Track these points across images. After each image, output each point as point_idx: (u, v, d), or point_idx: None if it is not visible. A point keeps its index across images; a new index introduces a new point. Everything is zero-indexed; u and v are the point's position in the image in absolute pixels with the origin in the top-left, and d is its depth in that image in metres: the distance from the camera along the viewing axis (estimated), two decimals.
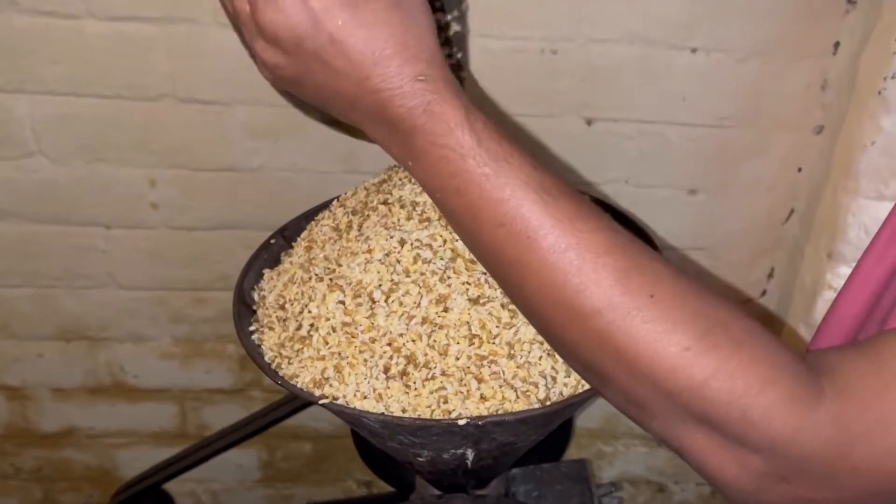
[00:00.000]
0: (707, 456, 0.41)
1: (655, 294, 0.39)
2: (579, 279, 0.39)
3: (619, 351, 0.39)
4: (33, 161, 0.96)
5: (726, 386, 0.38)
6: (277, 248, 0.70)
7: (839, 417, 0.39)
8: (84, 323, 1.08)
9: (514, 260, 0.41)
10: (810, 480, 0.40)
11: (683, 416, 0.40)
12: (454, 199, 0.42)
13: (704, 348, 0.39)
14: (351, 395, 0.53)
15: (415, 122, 0.41)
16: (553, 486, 0.78)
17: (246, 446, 1.20)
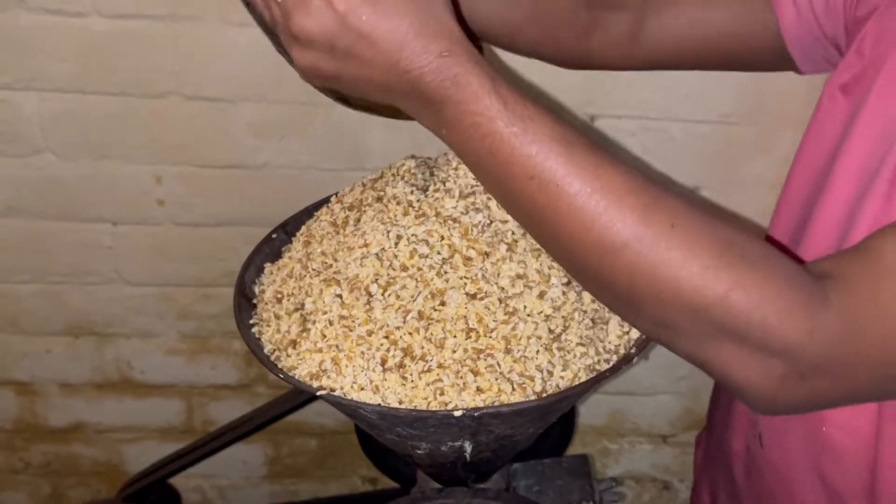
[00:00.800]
0: (732, 366, 0.45)
1: (675, 224, 0.44)
2: (607, 217, 0.43)
3: (647, 278, 0.44)
4: (41, 158, 0.97)
5: (745, 297, 0.43)
6: (279, 242, 0.71)
7: (845, 314, 0.44)
8: (91, 319, 1.09)
9: (545, 207, 0.45)
10: (827, 375, 0.45)
11: (709, 332, 0.44)
12: (487, 160, 0.45)
13: (722, 266, 0.43)
14: (348, 386, 0.53)
15: (444, 93, 0.44)
16: (554, 481, 0.78)
17: (252, 442, 1.21)
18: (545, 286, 0.57)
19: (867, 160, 0.56)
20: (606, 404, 1.21)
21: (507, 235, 0.59)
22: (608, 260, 0.44)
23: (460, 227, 0.59)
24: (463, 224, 0.59)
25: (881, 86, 0.56)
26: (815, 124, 0.64)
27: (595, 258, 0.45)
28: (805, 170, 0.64)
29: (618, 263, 0.44)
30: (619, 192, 0.44)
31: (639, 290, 0.44)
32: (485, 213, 0.60)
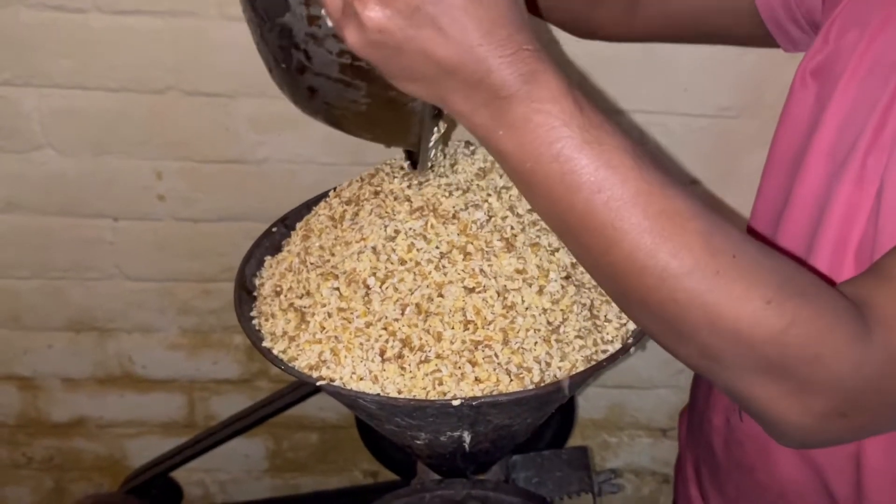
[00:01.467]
0: (773, 402, 0.44)
1: (737, 255, 0.42)
2: (672, 242, 0.41)
3: (706, 308, 0.42)
4: (41, 154, 0.97)
5: (803, 332, 0.42)
6: (279, 236, 0.71)
7: (886, 346, 0.43)
8: (92, 314, 1.10)
9: (606, 225, 0.42)
10: (866, 410, 0.45)
11: (758, 366, 0.43)
12: (550, 165, 0.42)
13: (782, 300, 0.42)
14: (348, 377, 0.54)
15: (518, 88, 0.41)
16: (553, 473, 0.79)
17: (253, 436, 1.22)
18: (544, 281, 0.58)
19: (836, 145, 0.56)
20: (606, 398, 1.21)
21: (506, 231, 0.59)
22: (667, 286, 0.42)
23: (459, 223, 0.59)
24: (462, 220, 0.59)
25: (849, 74, 0.56)
26: (788, 110, 0.64)
27: (652, 284, 0.42)
28: (780, 156, 0.65)
29: (676, 291, 0.42)
30: (685, 216, 0.42)
31: (693, 320, 0.42)
32: (484, 208, 0.60)
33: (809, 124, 0.59)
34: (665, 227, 0.41)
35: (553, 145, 0.41)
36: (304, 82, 0.51)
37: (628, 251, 0.42)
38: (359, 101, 0.50)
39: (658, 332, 0.47)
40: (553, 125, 0.41)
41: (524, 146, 0.42)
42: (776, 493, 0.65)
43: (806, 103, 0.60)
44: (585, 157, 0.41)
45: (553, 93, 0.41)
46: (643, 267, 0.42)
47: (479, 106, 0.42)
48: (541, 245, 0.59)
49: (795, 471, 0.62)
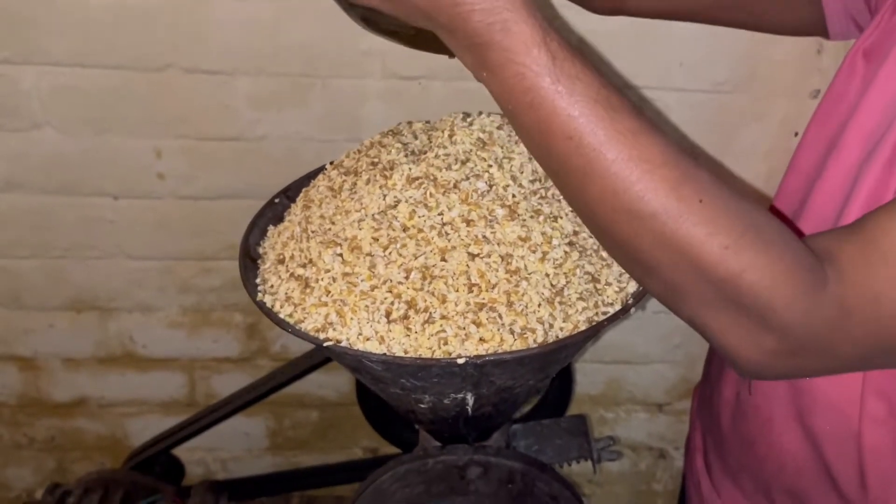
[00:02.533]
0: (729, 335, 0.48)
1: (703, 200, 0.45)
2: (640, 187, 0.44)
3: (669, 248, 0.45)
4: (41, 133, 0.98)
5: (756, 278, 0.45)
6: (281, 207, 0.72)
7: (838, 298, 0.46)
8: (93, 293, 1.10)
9: (579, 169, 0.45)
10: (814, 353, 0.48)
11: (715, 301, 0.46)
12: (527, 112, 0.44)
13: (741, 247, 0.45)
14: (354, 337, 0.55)
15: (492, 37, 0.43)
16: (553, 441, 0.80)
17: (253, 415, 1.23)
18: (547, 247, 0.58)
19: (875, 127, 0.57)
20: (603, 373, 1.22)
21: (508, 199, 0.60)
22: (633, 226, 0.45)
23: (460, 192, 0.60)
24: (463, 190, 0.60)
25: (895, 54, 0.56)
26: (833, 88, 0.64)
27: (620, 223, 0.45)
28: (817, 134, 0.65)
29: (642, 231, 0.45)
30: (655, 163, 0.44)
31: (657, 257, 0.46)
32: (485, 178, 0.61)
33: (853, 104, 0.59)
34: (633, 173, 0.44)
35: (527, 94, 0.44)
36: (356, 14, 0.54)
37: (599, 193, 0.45)
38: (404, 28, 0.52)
39: (628, 267, 0.51)
40: (526, 75, 0.43)
41: (504, 92, 0.45)
42: (775, 467, 0.66)
43: (853, 83, 0.61)
44: (556, 107, 0.43)
45: (526, 44, 0.43)
46: (612, 208, 0.45)
47: (463, 49, 0.45)
48: (543, 212, 0.60)
49: (796, 446, 0.63)
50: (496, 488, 0.68)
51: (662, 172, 0.44)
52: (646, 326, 1.17)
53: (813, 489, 0.64)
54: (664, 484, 1.36)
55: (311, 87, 0.96)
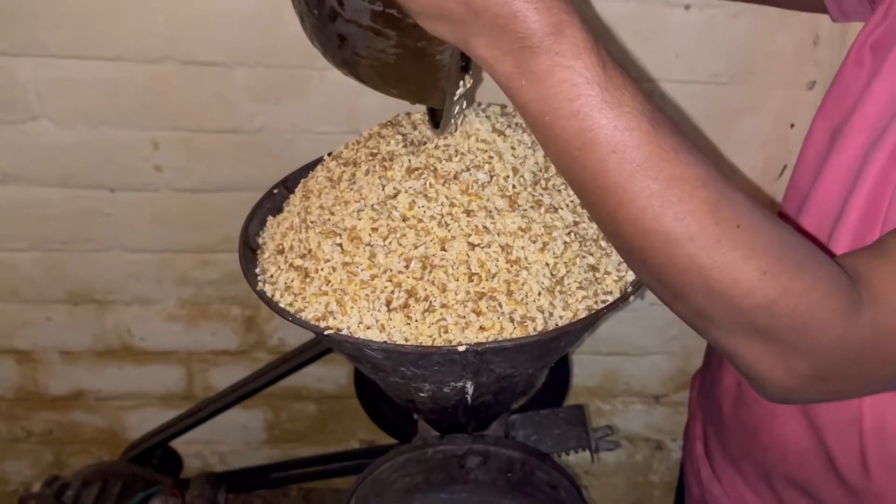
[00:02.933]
0: (759, 361, 0.47)
1: (741, 224, 0.43)
2: (678, 208, 0.42)
3: (703, 273, 0.43)
4: (37, 125, 0.97)
5: (793, 304, 0.44)
6: (280, 197, 0.72)
7: (871, 321, 0.45)
8: (91, 286, 1.10)
9: (617, 186, 0.43)
10: (846, 378, 0.47)
11: (748, 329, 0.45)
12: (568, 121, 0.42)
13: (777, 272, 0.43)
14: (354, 325, 0.55)
15: (543, 40, 0.41)
16: (551, 430, 0.81)
17: (251, 408, 1.23)
18: (548, 238, 0.59)
19: (880, 117, 0.56)
20: (599, 365, 1.23)
21: (508, 190, 0.60)
22: (667, 249, 0.43)
23: (460, 183, 0.60)
24: (463, 181, 0.60)
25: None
26: (838, 81, 0.63)
27: (654, 244, 0.44)
28: (822, 129, 0.65)
29: (677, 254, 0.43)
30: (694, 184, 0.42)
31: (690, 282, 0.44)
32: (486, 169, 0.61)
33: (858, 95, 0.59)
34: (673, 193, 0.42)
35: (573, 102, 0.41)
36: (334, 30, 0.51)
37: (635, 213, 0.43)
38: (387, 50, 0.50)
39: (657, 289, 0.48)
40: (575, 82, 0.41)
41: (545, 99, 0.42)
42: (778, 455, 0.66)
43: (859, 76, 0.60)
44: (604, 118, 0.41)
45: (578, 48, 0.41)
46: (648, 229, 0.43)
47: (503, 53, 0.42)
48: (544, 203, 0.61)
49: (798, 434, 0.63)
50: (495, 477, 0.68)
51: (702, 194, 0.42)
52: (642, 318, 1.18)
53: (815, 476, 0.64)
54: (661, 475, 1.37)
55: (308, 80, 0.96)
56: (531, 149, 0.64)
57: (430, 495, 0.66)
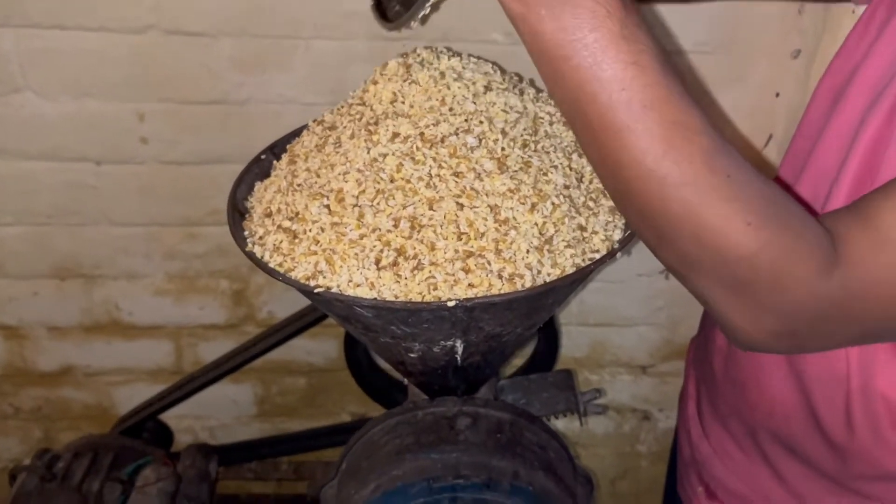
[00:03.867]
0: (732, 313, 0.48)
1: (731, 175, 0.44)
2: (678, 153, 0.43)
3: (693, 219, 0.44)
4: (21, 97, 0.96)
5: (773, 258, 0.45)
6: (267, 163, 0.72)
7: (844, 282, 0.46)
8: (78, 261, 1.09)
9: (623, 125, 0.43)
10: (812, 334, 0.49)
11: (727, 279, 0.47)
12: (582, 53, 0.42)
13: (761, 225, 0.44)
14: (344, 284, 0.55)
15: None
16: (540, 394, 0.82)
17: (241, 382, 1.23)
18: (537, 199, 0.59)
19: (880, 78, 0.57)
20: (587, 336, 1.24)
21: (497, 152, 0.61)
22: (663, 193, 0.44)
23: (448, 146, 0.60)
24: (451, 144, 0.60)
25: None
26: (845, 47, 0.64)
27: (651, 188, 0.44)
28: (826, 88, 0.65)
29: (671, 199, 0.44)
30: (695, 130, 0.43)
31: (679, 228, 0.45)
32: (475, 133, 0.61)
33: (861, 57, 0.59)
34: (675, 137, 0.43)
35: (592, 32, 0.42)
36: None
37: (637, 154, 0.44)
38: None
39: (646, 233, 0.49)
40: (598, 13, 0.42)
41: (565, 29, 0.42)
42: (765, 411, 0.68)
43: (865, 37, 0.60)
44: (620, 52, 0.42)
45: None
46: (648, 171, 0.44)
47: None
48: (533, 165, 0.61)
49: (785, 391, 0.65)
50: (485, 438, 0.69)
51: (700, 141, 0.43)
52: (629, 289, 1.18)
53: (800, 433, 0.65)
54: (648, 446, 1.38)
55: (294, 50, 0.96)
56: (521, 113, 0.65)
57: (421, 456, 0.67)
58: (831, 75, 0.64)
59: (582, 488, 0.73)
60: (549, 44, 0.43)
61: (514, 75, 0.69)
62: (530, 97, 0.67)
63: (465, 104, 0.63)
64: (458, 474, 0.65)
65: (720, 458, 0.76)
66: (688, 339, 1.24)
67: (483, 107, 0.63)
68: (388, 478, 0.66)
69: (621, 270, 1.15)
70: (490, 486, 0.66)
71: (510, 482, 0.66)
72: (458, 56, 0.66)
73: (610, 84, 0.42)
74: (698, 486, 0.80)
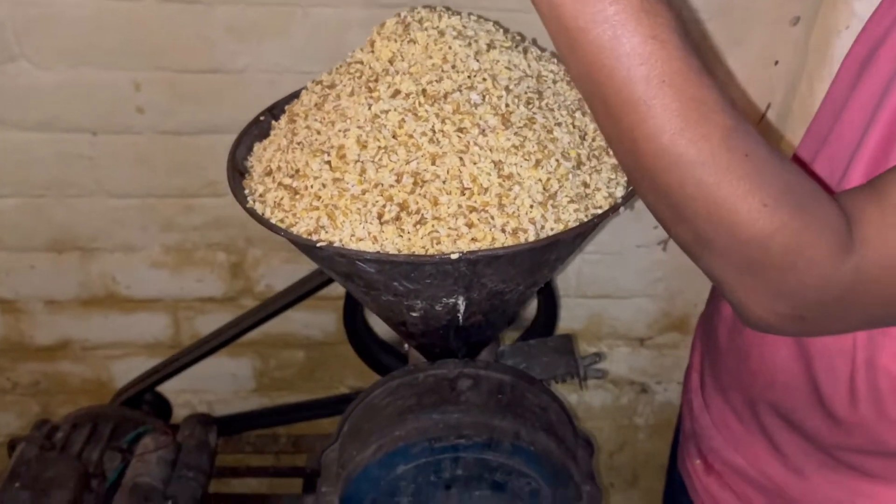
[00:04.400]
0: (744, 295, 0.48)
1: (749, 154, 0.43)
2: (695, 131, 0.42)
3: (709, 197, 0.44)
4: (16, 66, 0.95)
5: (788, 240, 0.44)
6: (267, 124, 0.72)
7: (859, 265, 0.45)
8: (74, 233, 1.09)
9: (640, 100, 0.43)
10: (824, 318, 0.49)
11: (740, 260, 0.46)
12: (602, 27, 0.42)
13: (777, 206, 0.44)
14: (347, 238, 0.55)
15: None
16: (540, 359, 0.82)
17: (239, 356, 1.23)
18: (541, 155, 0.59)
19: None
20: (585, 307, 1.24)
21: (501, 108, 0.60)
22: (679, 171, 0.43)
23: (452, 103, 0.60)
24: (454, 100, 0.60)
25: None
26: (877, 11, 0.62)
27: (667, 165, 0.44)
28: (852, 61, 0.64)
29: (687, 177, 0.43)
30: (713, 108, 0.43)
31: (695, 206, 0.44)
32: (479, 90, 0.61)
33: (890, 24, 0.58)
34: (692, 114, 0.42)
35: (613, 5, 0.41)
36: None
37: (653, 130, 0.43)
38: None
39: (660, 210, 0.49)
40: None
41: (583, 1, 0.42)
42: (765, 381, 0.67)
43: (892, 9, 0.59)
44: (640, 26, 0.42)
45: None
46: (663, 148, 0.43)
47: None
48: (537, 121, 0.60)
49: (788, 361, 0.64)
50: (486, 399, 0.69)
51: (718, 119, 0.43)
52: (628, 261, 1.19)
53: (800, 405, 0.65)
54: (645, 418, 1.39)
55: (291, 17, 0.95)
56: (525, 72, 0.64)
57: (422, 416, 0.67)
58: (859, 45, 0.63)
59: (582, 451, 0.74)
60: (568, 15, 0.43)
61: (516, 34, 0.69)
62: (534, 56, 0.66)
63: (467, 62, 0.62)
64: (460, 434, 0.66)
65: (719, 430, 0.76)
66: (686, 312, 1.25)
67: (487, 65, 0.63)
68: (389, 438, 0.66)
69: (619, 242, 1.15)
70: (491, 445, 0.66)
71: (511, 442, 0.66)
72: (458, 14, 0.66)
73: (629, 58, 0.42)
74: (696, 459, 0.80)
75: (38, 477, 0.86)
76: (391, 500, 0.67)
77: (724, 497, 0.77)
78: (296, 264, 1.11)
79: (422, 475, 0.66)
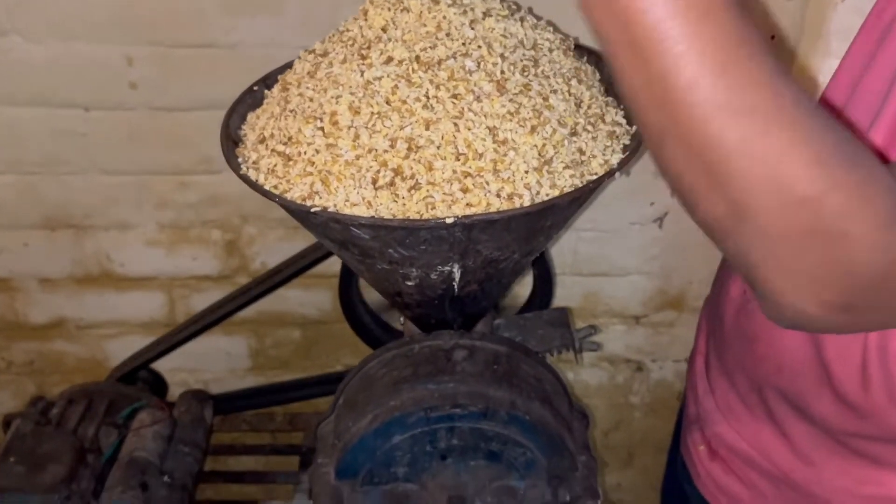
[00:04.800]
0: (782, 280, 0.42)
1: (799, 101, 0.39)
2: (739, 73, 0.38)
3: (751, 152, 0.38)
4: (7, 41, 0.95)
5: (842, 200, 0.39)
6: (260, 94, 0.71)
7: None
8: (68, 211, 1.08)
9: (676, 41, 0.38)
10: (871, 309, 0.43)
11: (784, 229, 0.40)
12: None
13: (832, 162, 0.39)
14: (341, 203, 0.55)
15: None
16: (535, 332, 0.82)
17: (235, 334, 1.23)
18: (536, 121, 0.58)
19: None
20: (580, 285, 1.24)
21: (496, 74, 0.60)
22: (719, 121, 0.38)
23: (446, 69, 0.59)
24: (448, 67, 0.60)
25: None
26: None
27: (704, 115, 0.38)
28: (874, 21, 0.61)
29: (727, 128, 0.38)
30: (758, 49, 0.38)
31: (734, 164, 0.39)
32: (474, 57, 0.60)
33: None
34: (736, 54, 0.37)
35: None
36: None
37: (691, 76, 0.38)
38: None
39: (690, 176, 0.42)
40: None
41: None
42: (773, 366, 0.66)
43: None
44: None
45: None
46: (703, 98, 0.38)
47: None
48: (533, 88, 0.60)
49: (797, 345, 0.62)
50: (482, 369, 0.69)
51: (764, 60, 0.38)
52: (623, 238, 1.18)
53: (809, 389, 0.63)
54: (641, 397, 1.39)
55: None
56: (521, 40, 0.64)
57: (418, 386, 0.67)
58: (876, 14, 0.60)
59: (578, 422, 0.74)
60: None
61: (512, 3, 0.68)
62: (530, 24, 0.66)
63: (462, 30, 0.62)
64: (456, 403, 0.66)
65: (724, 415, 0.75)
66: (682, 289, 1.25)
67: (482, 32, 0.62)
68: (385, 408, 0.66)
69: (615, 219, 1.15)
70: (487, 415, 0.66)
71: (507, 412, 0.66)
72: None
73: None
74: (700, 445, 0.79)
75: (33, 451, 0.86)
76: (387, 469, 0.67)
77: (729, 483, 0.76)
78: (291, 242, 1.10)
79: (417, 445, 0.66)
